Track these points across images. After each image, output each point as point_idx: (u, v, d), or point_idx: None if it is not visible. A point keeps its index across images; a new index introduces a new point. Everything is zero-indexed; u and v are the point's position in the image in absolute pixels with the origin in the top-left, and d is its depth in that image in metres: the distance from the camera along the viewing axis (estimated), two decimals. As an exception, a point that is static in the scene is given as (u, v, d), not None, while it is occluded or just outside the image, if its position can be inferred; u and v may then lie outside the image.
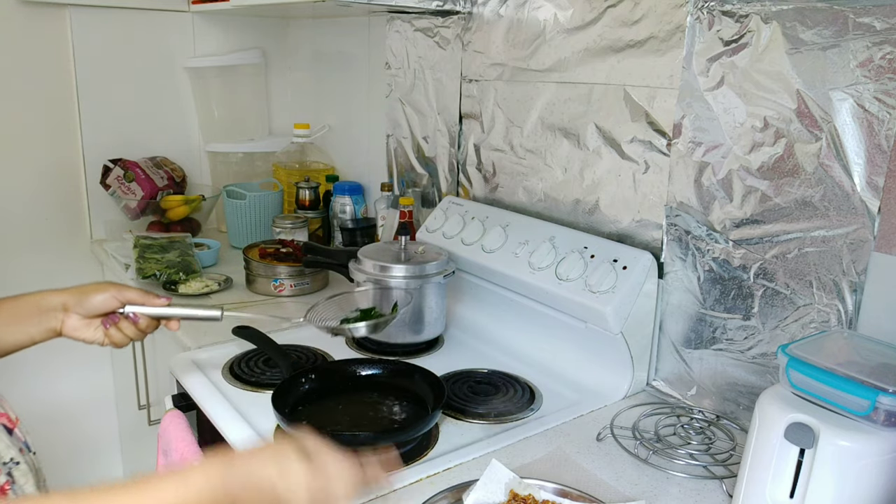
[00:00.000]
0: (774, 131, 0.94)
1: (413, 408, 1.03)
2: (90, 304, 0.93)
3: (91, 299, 0.92)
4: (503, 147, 1.40)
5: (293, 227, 1.67)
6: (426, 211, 1.62)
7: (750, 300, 1.00)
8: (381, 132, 1.77)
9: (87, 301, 0.92)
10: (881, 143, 0.83)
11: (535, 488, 0.83)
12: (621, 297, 1.06)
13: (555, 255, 1.17)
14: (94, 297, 0.93)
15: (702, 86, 1.02)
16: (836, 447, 0.69)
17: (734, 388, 1.04)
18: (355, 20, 1.80)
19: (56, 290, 0.93)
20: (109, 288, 0.94)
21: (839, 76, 0.86)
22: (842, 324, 0.90)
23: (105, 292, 0.93)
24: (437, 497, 0.83)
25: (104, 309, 0.94)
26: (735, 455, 0.95)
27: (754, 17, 0.94)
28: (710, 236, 1.04)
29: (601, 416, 1.06)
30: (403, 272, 1.22)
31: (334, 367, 1.14)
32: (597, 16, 1.16)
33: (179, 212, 1.86)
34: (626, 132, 1.14)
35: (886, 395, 0.67)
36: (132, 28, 1.88)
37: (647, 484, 0.89)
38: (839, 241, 0.89)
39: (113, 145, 1.89)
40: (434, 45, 1.54)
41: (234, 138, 2.04)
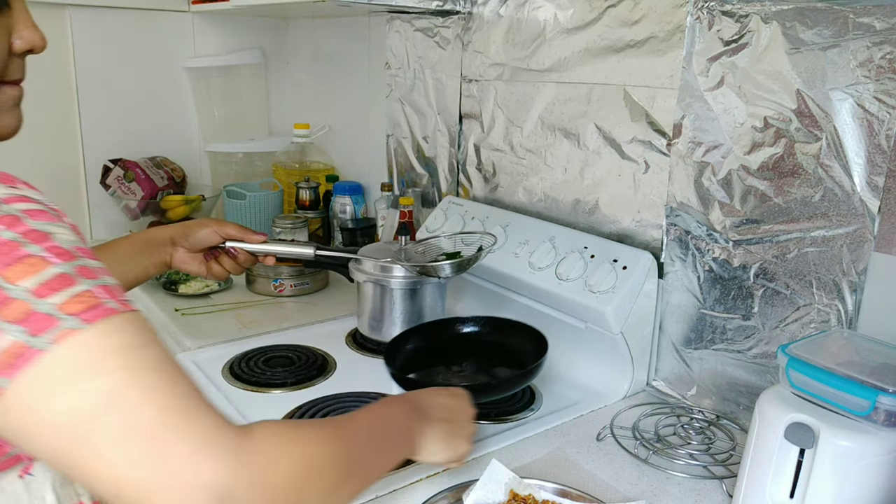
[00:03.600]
0: (774, 131, 0.94)
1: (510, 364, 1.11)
2: (194, 238, 1.02)
3: (195, 233, 1.02)
4: (503, 147, 1.40)
5: (293, 227, 1.67)
6: (426, 211, 1.62)
7: (750, 300, 1.00)
8: (381, 132, 1.77)
9: (192, 235, 1.02)
10: (881, 143, 0.83)
11: (535, 488, 0.83)
12: (621, 297, 1.06)
13: (555, 255, 1.17)
14: (197, 232, 1.02)
15: (702, 86, 1.02)
16: (836, 447, 0.69)
17: (734, 388, 1.04)
18: (355, 20, 1.80)
19: (163, 226, 1.05)
20: (211, 223, 1.04)
21: (839, 76, 0.86)
22: (842, 324, 0.90)
23: (207, 227, 1.03)
24: (437, 497, 0.83)
25: (207, 243, 1.03)
26: (735, 455, 0.95)
27: (754, 17, 0.94)
28: (710, 236, 1.04)
29: (601, 416, 1.06)
30: (404, 272, 1.22)
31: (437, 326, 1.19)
32: (597, 16, 1.16)
33: (179, 212, 1.86)
34: (626, 132, 1.14)
35: (886, 395, 0.67)
36: (132, 28, 1.88)
37: (647, 484, 0.89)
38: (839, 241, 0.89)
39: (113, 145, 1.89)
40: (434, 45, 1.54)
41: (234, 138, 2.04)
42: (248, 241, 1.05)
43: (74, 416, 0.46)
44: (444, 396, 0.81)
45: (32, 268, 0.47)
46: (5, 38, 0.62)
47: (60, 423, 0.46)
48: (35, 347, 0.46)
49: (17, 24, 0.63)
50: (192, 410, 0.49)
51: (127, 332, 0.49)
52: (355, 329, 1.34)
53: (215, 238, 1.03)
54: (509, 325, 1.15)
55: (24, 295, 0.46)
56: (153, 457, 0.46)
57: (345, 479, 0.59)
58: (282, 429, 0.56)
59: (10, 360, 0.45)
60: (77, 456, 0.47)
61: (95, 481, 0.48)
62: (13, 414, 0.46)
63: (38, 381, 0.46)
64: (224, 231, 1.04)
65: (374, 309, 1.27)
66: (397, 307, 1.25)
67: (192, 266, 1.04)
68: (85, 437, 0.46)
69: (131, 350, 0.48)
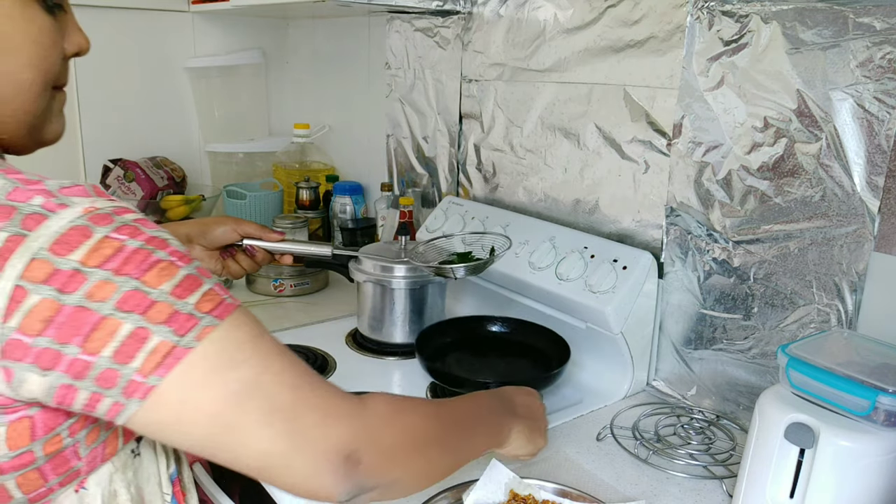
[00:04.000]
0: (774, 131, 0.94)
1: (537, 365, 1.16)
2: (212, 235, 1.00)
3: (213, 231, 1.00)
4: (503, 147, 1.40)
5: (293, 227, 1.67)
6: (426, 211, 1.62)
7: (750, 300, 1.00)
8: (381, 132, 1.77)
9: (209, 233, 1.00)
10: (881, 143, 0.83)
11: (535, 488, 0.83)
12: (621, 297, 1.06)
13: (555, 255, 1.17)
14: (215, 230, 1.01)
15: (702, 86, 1.02)
16: (836, 447, 0.69)
17: (734, 388, 1.04)
18: (355, 20, 1.80)
19: (180, 222, 1.04)
20: (229, 221, 1.02)
21: (839, 76, 0.86)
22: (842, 324, 0.90)
23: (225, 225, 1.01)
24: (437, 497, 0.83)
25: (225, 241, 1.02)
26: (735, 455, 0.95)
27: (754, 17, 0.94)
28: (710, 236, 1.04)
29: (601, 416, 1.06)
30: (404, 272, 1.22)
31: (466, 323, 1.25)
32: (597, 16, 1.16)
33: (179, 212, 1.86)
34: (626, 132, 1.14)
35: (886, 395, 0.67)
36: (132, 28, 1.88)
37: (647, 484, 0.89)
38: (839, 241, 0.89)
39: (113, 145, 1.89)
40: (434, 45, 1.54)
41: (234, 138, 2.04)
42: (266, 239, 1.04)
43: (223, 404, 0.51)
44: (524, 395, 0.86)
45: (165, 272, 0.51)
46: (61, 41, 0.62)
47: (211, 412, 0.51)
48: (182, 346, 0.50)
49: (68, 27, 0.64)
50: (316, 385, 0.56)
51: (248, 324, 0.54)
52: (355, 329, 1.34)
53: (233, 236, 1.02)
54: (535, 328, 1.21)
55: (166, 297, 0.50)
56: (292, 429, 0.53)
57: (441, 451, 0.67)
58: (391, 399, 0.64)
59: (160, 360, 0.49)
60: (227, 439, 0.52)
61: (243, 457, 0.53)
62: (164, 409, 0.50)
63: (187, 377, 0.50)
64: (242, 229, 1.03)
65: (375, 309, 1.27)
66: (397, 307, 1.25)
67: (209, 264, 1.03)
68: (235, 421, 0.52)
69: (256, 339, 0.54)
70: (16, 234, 0.48)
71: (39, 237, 0.48)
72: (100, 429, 0.59)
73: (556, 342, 1.15)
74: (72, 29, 0.64)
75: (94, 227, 0.49)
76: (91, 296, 0.48)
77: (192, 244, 1.00)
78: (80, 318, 0.48)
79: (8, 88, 0.59)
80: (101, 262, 0.49)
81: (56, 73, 0.63)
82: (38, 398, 0.50)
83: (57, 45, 0.62)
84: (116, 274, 0.49)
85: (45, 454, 0.54)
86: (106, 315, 0.48)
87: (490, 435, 0.77)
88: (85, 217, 0.50)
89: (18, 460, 0.53)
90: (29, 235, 0.48)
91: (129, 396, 0.49)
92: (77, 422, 0.56)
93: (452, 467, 0.70)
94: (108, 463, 0.61)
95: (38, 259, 0.48)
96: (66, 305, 0.48)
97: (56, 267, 0.48)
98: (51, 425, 0.54)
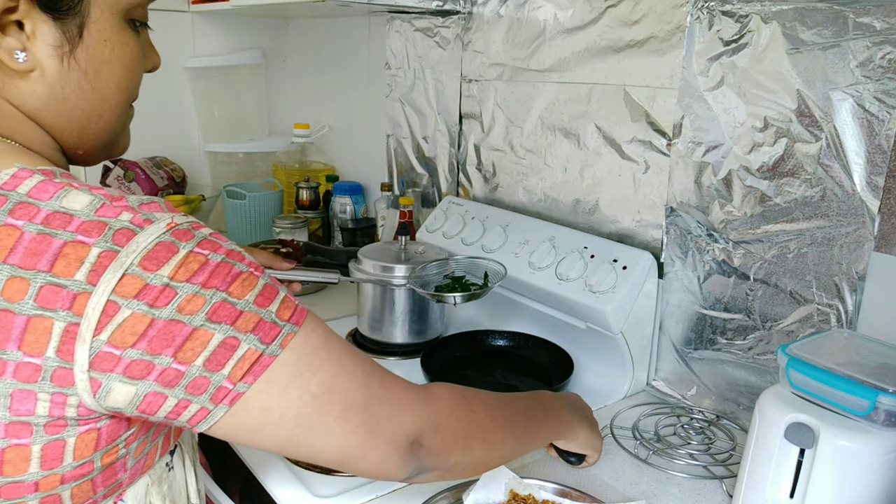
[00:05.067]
0: (774, 131, 0.94)
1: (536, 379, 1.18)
2: None
3: None
4: (503, 147, 1.40)
5: (293, 227, 1.67)
6: (426, 211, 1.62)
7: (750, 300, 1.00)
8: (381, 132, 1.77)
9: None
10: (881, 143, 0.83)
11: (535, 488, 0.83)
12: (621, 297, 1.06)
13: (555, 255, 1.17)
14: None
15: (702, 86, 1.02)
16: (836, 447, 0.69)
17: (734, 388, 1.04)
18: (355, 20, 1.80)
19: None
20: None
21: (839, 76, 0.86)
22: (842, 324, 0.90)
23: None
24: (437, 497, 0.83)
25: None
26: (735, 455, 0.95)
27: (754, 17, 0.94)
28: (710, 236, 1.04)
29: (601, 416, 1.06)
30: (404, 272, 1.22)
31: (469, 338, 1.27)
32: (597, 16, 1.16)
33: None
34: (626, 132, 1.14)
35: (886, 395, 0.67)
36: (132, 28, 1.88)
37: (647, 484, 0.89)
38: (839, 241, 0.89)
39: (113, 145, 1.88)
40: (434, 45, 1.54)
41: (234, 138, 2.04)
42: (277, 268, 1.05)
43: (306, 407, 0.55)
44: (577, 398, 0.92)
45: (248, 283, 0.53)
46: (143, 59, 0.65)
47: (295, 414, 0.55)
48: (268, 354, 0.53)
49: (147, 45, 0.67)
50: (384, 378, 0.61)
51: (320, 327, 0.58)
52: (355, 329, 1.34)
53: None
54: (538, 342, 1.23)
55: (251, 307, 0.53)
56: (366, 423, 0.58)
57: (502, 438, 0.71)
58: (456, 389, 0.68)
59: (248, 367, 0.52)
60: (308, 438, 0.56)
61: (320, 452, 0.58)
62: (249, 414, 0.53)
63: (272, 383, 0.53)
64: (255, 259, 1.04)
65: (374, 309, 1.27)
66: (397, 307, 1.25)
67: None
68: (317, 421, 0.56)
69: (328, 341, 0.58)
70: (109, 249, 0.49)
71: (130, 253, 0.50)
72: (146, 441, 0.60)
73: (559, 356, 1.17)
74: (149, 47, 0.67)
75: (179, 242, 0.51)
76: (182, 309, 0.50)
77: None
78: (173, 330, 0.50)
79: (97, 109, 0.61)
80: (188, 276, 0.50)
81: (137, 91, 0.66)
82: (121, 408, 0.52)
83: (141, 65, 0.64)
84: (204, 287, 0.51)
85: (101, 465, 0.55)
86: (197, 326, 0.50)
87: (553, 426, 0.82)
88: (168, 233, 0.51)
89: (80, 470, 0.54)
90: (121, 251, 0.50)
91: (218, 402, 0.52)
92: (133, 433, 0.57)
93: (514, 454, 0.75)
94: (146, 476, 0.62)
95: (130, 274, 0.49)
96: (159, 319, 0.49)
97: (147, 282, 0.49)
98: (113, 436, 0.55)
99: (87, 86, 0.59)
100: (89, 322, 0.48)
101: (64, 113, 0.60)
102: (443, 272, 1.23)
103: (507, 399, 0.76)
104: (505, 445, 0.72)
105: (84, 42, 0.58)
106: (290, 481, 0.87)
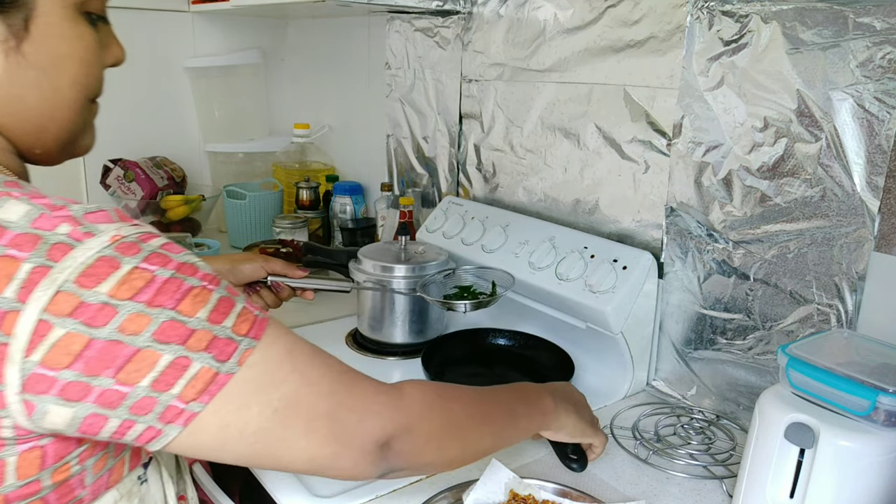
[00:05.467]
0: (774, 131, 0.94)
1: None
2: (241, 273, 1.03)
3: (242, 269, 1.03)
4: (503, 147, 1.40)
5: (293, 227, 1.67)
6: (426, 211, 1.62)
7: (750, 300, 1.00)
8: (381, 132, 1.77)
9: (238, 271, 1.03)
10: (881, 143, 0.83)
11: (535, 488, 0.83)
12: (621, 297, 1.06)
13: (555, 255, 1.17)
14: (244, 267, 1.03)
15: (702, 86, 1.02)
16: (836, 447, 0.69)
17: (734, 388, 1.04)
18: (355, 20, 1.80)
19: (209, 258, 1.06)
20: (257, 259, 1.05)
21: (839, 76, 0.86)
22: (842, 324, 0.90)
23: (254, 262, 1.04)
24: (437, 497, 0.83)
25: (253, 278, 1.04)
26: (735, 455, 0.95)
27: (754, 17, 0.94)
28: (710, 236, 1.04)
29: (601, 416, 1.05)
30: (403, 272, 1.22)
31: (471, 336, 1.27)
32: (597, 16, 1.16)
33: (179, 212, 1.86)
34: (626, 132, 1.14)
35: (886, 395, 0.67)
36: (132, 28, 1.88)
37: (647, 484, 0.89)
38: (839, 241, 0.89)
39: (113, 145, 1.88)
40: (434, 45, 1.54)
41: (234, 138, 2.04)
42: (291, 276, 1.06)
43: (267, 422, 0.53)
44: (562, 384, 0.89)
45: (199, 298, 0.51)
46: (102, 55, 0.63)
47: (255, 430, 0.53)
48: (224, 372, 0.51)
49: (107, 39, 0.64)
50: (352, 384, 0.59)
51: (282, 337, 0.56)
52: (355, 329, 1.34)
53: (261, 273, 1.04)
54: (540, 342, 1.22)
55: (204, 325, 0.50)
56: (335, 432, 0.56)
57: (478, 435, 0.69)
58: (429, 388, 0.66)
59: (202, 387, 0.50)
60: (272, 451, 0.54)
61: (291, 464, 0.56)
62: (206, 432, 0.51)
63: (230, 401, 0.51)
64: (269, 267, 1.05)
65: (374, 309, 1.27)
66: (397, 307, 1.25)
67: None
68: (279, 435, 0.54)
69: (291, 352, 0.55)
70: (41, 265, 0.47)
71: (65, 269, 0.47)
72: (108, 456, 0.58)
73: (560, 356, 1.17)
74: (110, 40, 0.64)
75: (122, 257, 0.49)
76: (124, 329, 0.47)
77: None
78: (113, 350, 0.47)
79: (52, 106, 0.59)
80: (132, 294, 0.48)
81: (97, 87, 0.63)
82: (60, 429, 0.50)
83: (99, 59, 0.62)
84: (150, 306, 0.48)
85: (52, 483, 0.54)
86: (142, 347, 0.48)
87: (534, 417, 0.79)
88: (112, 246, 0.49)
89: (26, 489, 0.52)
90: (54, 267, 0.47)
91: (168, 422, 0.50)
92: (86, 450, 0.55)
93: (494, 447, 0.74)
94: (113, 490, 0.60)
95: (64, 292, 0.47)
96: (97, 339, 0.47)
97: (82, 300, 0.47)
98: (61, 454, 0.53)
99: (46, 83, 0.57)
100: (19, 342, 0.46)
101: (19, 112, 0.57)
102: (450, 282, 1.23)
103: (486, 393, 0.74)
104: (482, 441, 0.70)
105: (32, 36, 0.55)
106: (290, 481, 0.87)
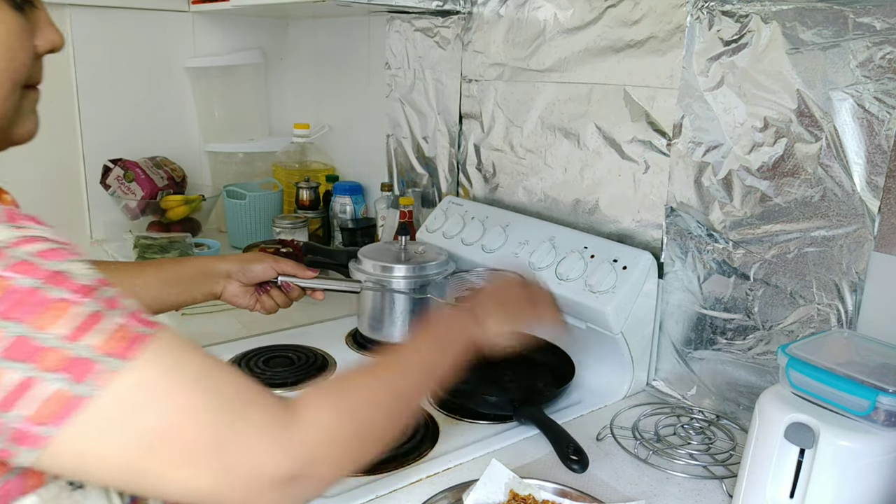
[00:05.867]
0: (774, 131, 0.94)
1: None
2: (251, 273, 1.03)
3: (252, 269, 1.03)
4: (503, 147, 1.40)
5: (293, 227, 1.67)
6: (426, 211, 1.62)
7: (750, 300, 1.00)
8: (381, 132, 1.77)
9: (248, 270, 1.03)
10: (881, 143, 0.84)
11: (535, 488, 0.83)
12: (621, 297, 1.06)
13: (555, 255, 1.17)
14: (255, 267, 1.03)
15: (702, 86, 1.02)
16: (836, 447, 0.69)
17: (734, 388, 1.04)
18: (355, 20, 1.80)
19: (220, 257, 1.06)
20: (267, 259, 1.05)
21: (839, 76, 0.86)
22: (842, 324, 0.90)
23: (264, 262, 1.04)
24: (437, 497, 0.83)
25: (262, 278, 1.04)
26: (735, 455, 0.95)
27: (754, 17, 0.94)
28: (710, 236, 1.04)
29: (601, 416, 1.06)
30: (403, 272, 1.22)
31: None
32: (597, 16, 1.16)
33: (179, 212, 1.86)
34: (626, 132, 1.14)
35: (886, 395, 0.67)
36: (132, 28, 1.88)
37: (647, 484, 0.89)
38: (839, 241, 0.89)
39: (113, 145, 1.89)
40: (434, 45, 1.54)
41: (234, 138, 2.04)
42: (301, 276, 1.06)
43: (131, 453, 0.48)
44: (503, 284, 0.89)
45: (60, 312, 0.46)
46: (31, 38, 0.59)
47: (118, 461, 0.48)
48: (80, 395, 0.45)
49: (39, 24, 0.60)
50: (239, 414, 0.51)
51: (162, 357, 0.50)
52: (355, 329, 1.34)
53: (271, 273, 1.04)
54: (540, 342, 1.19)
55: (59, 342, 0.45)
56: (220, 468, 0.50)
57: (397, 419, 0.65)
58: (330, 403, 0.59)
59: (55, 410, 0.45)
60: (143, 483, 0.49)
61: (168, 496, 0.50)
62: (66, 457, 0.47)
63: (87, 427, 0.46)
64: (280, 267, 1.05)
65: (375, 309, 1.27)
66: (397, 307, 1.25)
67: (243, 300, 1.04)
68: (146, 467, 0.48)
69: (170, 374, 0.49)
70: None
71: None
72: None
73: (560, 356, 1.16)
74: (44, 25, 0.61)
75: None
76: None
77: (230, 279, 1.02)
78: None
79: None
80: None
81: (26, 72, 0.59)
82: None
83: (26, 44, 0.58)
84: (3, 318, 0.44)
85: None
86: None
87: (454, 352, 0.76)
88: None
89: None
90: None
91: (20, 444, 0.46)
92: None
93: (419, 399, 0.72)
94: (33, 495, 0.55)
95: None
96: None
97: None
98: None
99: None
100: None
101: None
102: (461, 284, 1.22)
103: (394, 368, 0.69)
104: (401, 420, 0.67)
105: None
106: (291, 481, 0.87)
